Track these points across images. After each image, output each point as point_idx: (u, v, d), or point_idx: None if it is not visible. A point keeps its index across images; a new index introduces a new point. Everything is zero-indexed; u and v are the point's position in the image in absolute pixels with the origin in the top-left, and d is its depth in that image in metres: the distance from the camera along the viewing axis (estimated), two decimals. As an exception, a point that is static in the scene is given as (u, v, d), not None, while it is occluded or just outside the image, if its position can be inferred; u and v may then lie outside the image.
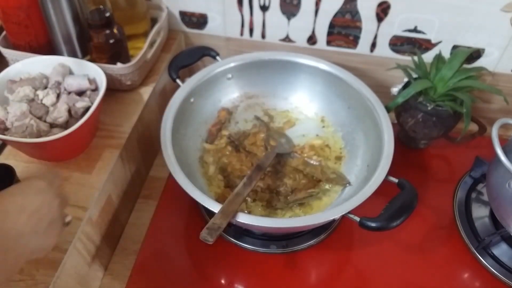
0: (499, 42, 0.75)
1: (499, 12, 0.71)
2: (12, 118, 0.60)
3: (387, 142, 0.64)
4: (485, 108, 0.84)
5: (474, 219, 0.70)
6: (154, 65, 0.80)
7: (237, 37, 0.86)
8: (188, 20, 0.85)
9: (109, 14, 0.67)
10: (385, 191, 0.58)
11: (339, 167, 0.73)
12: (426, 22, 0.75)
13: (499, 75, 0.79)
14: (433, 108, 0.71)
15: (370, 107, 0.70)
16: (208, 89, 0.75)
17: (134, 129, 0.69)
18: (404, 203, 0.56)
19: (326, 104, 0.78)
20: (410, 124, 0.75)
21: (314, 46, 0.83)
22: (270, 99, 0.81)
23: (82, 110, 0.63)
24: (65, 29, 0.69)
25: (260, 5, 0.79)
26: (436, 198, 0.74)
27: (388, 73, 0.80)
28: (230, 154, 0.74)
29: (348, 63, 0.82)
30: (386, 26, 0.77)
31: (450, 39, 0.77)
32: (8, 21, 0.68)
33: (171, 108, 0.67)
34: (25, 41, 0.70)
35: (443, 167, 0.81)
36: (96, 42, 0.69)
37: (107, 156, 0.65)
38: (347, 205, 0.56)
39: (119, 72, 0.70)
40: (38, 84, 0.64)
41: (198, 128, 0.75)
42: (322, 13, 0.78)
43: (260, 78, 0.79)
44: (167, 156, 0.61)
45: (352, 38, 0.80)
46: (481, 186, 0.75)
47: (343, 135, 0.76)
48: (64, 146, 0.60)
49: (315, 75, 0.77)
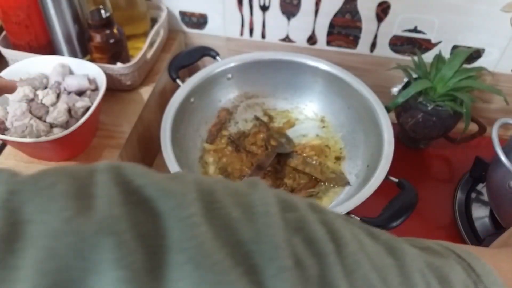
0: (499, 42, 0.75)
1: (499, 12, 0.71)
2: (12, 118, 0.60)
3: (387, 142, 0.64)
4: (485, 108, 0.84)
5: (474, 219, 0.70)
6: (154, 65, 0.80)
7: (237, 37, 0.86)
8: (188, 20, 0.85)
9: (109, 14, 0.67)
10: (385, 191, 0.58)
11: (339, 167, 0.73)
12: (426, 22, 0.75)
13: (499, 75, 0.79)
14: (433, 108, 0.71)
15: (370, 107, 0.70)
16: (208, 89, 0.75)
17: (134, 129, 0.69)
18: (404, 203, 0.56)
19: (326, 104, 0.78)
20: (410, 124, 0.75)
21: (314, 46, 0.83)
22: (270, 99, 0.81)
23: (82, 110, 0.63)
24: (65, 29, 0.69)
25: (260, 5, 0.79)
26: (436, 198, 0.74)
27: (388, 73, 0.80)
28: (230, 154, 0.74)
29: (348, 63, 0.82)
30: (386, 26, 0.77)
31: (450, 39, 0.77)
32: (8, 21, 0.68)
33: (171, 108, 0.67)
34: (25, 41, 0.70)
35: (443, 167, 0.81)
36: (96, 42, 0.69)
37: (107, 156, 0.64)
38: (347, 205, 0.56)
39: (119, 72, 0.70)
40: (38, 84, 0.64)
41: (198, 128, 0.75)
42: (322, 13, 0.78)
43: (260, 78, 0.79)
44: (167, 156, 0.61)
45: (352, 38, 0.80)
46: (481, 186, 0.75)
47: (343, 135, 0.76)
48: (64, 146, 0.60)
49: (315, 75, 0.77)
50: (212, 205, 0.21)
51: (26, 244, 0.17)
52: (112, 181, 0.20)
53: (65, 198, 0.19)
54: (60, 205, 0.18)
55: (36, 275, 0.16)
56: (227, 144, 0.75)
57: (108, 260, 0.17)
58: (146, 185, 0.20)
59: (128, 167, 0.21)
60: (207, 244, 0.18)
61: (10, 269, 0.17)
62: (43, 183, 0.19)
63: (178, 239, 0.18)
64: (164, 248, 0.18)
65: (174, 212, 0.19)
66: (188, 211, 0.19)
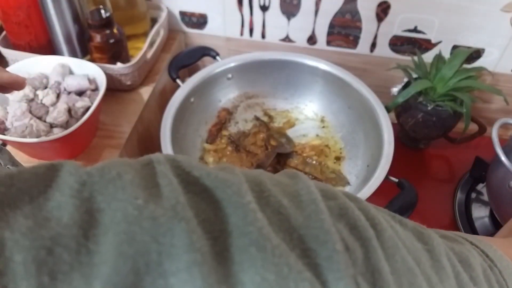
0: (499, 42, 0.75)
1: (499, 12, 0.71)
2: (12, 118, 0.60)
3: (387, 142, 0.64)
4: (485, 108, 0.84)
5: (474, 219, 0.70)
6: (154, 65, 0.80)
7: (237, 37, 0.86)
8: (188, 20, 0.85)
9: (109, 14, 0.67)
10: (385, 191, 0.58)
11: (339, 167, 0.73)
12: (426, 22, 0.75)
13: (499, 75, 0.79)
14: (433, 108, 0.71)
15: (370, 107, 0.70)
16: (208, 89, 0.75)
17: (134, 129, 0.69)
18: (404, 203, 0.56)
19: (326, 104, 0.79)
20: (410, 124, 0.75)
21: (314, 46, 0.83)
22: (270, 99, 0.81)
23: (82, 110, 0.63)
24: (65, 29, 0.69)
25: (260, 5, 0.79)
26: (436, 198, 0.74)
27: (388, 73, 0.80)
28: (230, 154, 0.74)
29: (348, 63, 0.82)
30: (386, 26, 0.77)
31: (450, 39, 0.77)
32: (8, 21, 0.68)
33: (171, 108, 0.67)
34: (25, 41, 0.70)
35: (443, 167, 0.81)
36: (96, 42, 0.69)
37: (107, 156, 0.64)
38: (347, 205, 0.56)
39: (119, 72, 0.70)
40: (38, 84, 0.64)
41: (198, 128, 0.75)
42: (322, 13, 0.78)
43: (260, 78, 0.79)
44: (167, 156, 0.61)
45: (352, 38, 0.80)
46: (481, 186, 0.75)
47: (343, 135, 0.76)
48: (64, 146, 0.60)
49: (315, 75, 0.77)
50: (263, 194, 0.22)
51: (103, 230, 0.18)
52: (172, 172, 0.21)
53: (133, 187, 0.20)
54: (131, 193, 0.19)
55: (117, 258, 0.17)
56: (227, 144, 0.75)
57: (181, 244, 0.18)
58: (203, 175, 0.21)
59: (183, 160, 0.22)
60: (265, 229, 0.19)
61: (90, 254, 0.17)
62: (109, 174, 0.20)
63: (239, 224, 0.20)
64: (226, 233, 0.19)
65: (233, 199, 0.20)
66: (246, 199, 0.20)
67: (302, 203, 0.22)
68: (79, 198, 0.19)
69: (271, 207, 0.21)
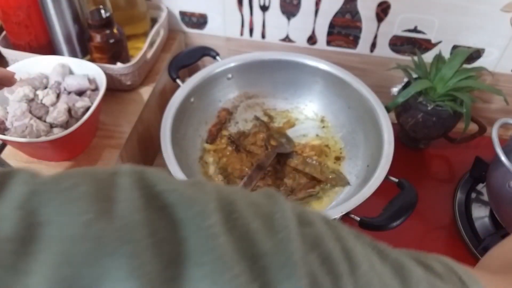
0: (499, 42, 0.75)
1: (499, 12, 0.71)
2: (12, 118, 0.60)
3: (387, 142, 0.64)
4: (485, 108, 0.84)
5: (474, 219, 0.70)
6: (154, 65, 0.80)
7: (237, 37, 0.86)
8: (188, 20, 0.85)
9: (109, 14, 0.67)
10: (385, 191, 0.58)
11: (339, 167, 0.73)
12: (426, 22, 0.75)
13: (499, 75, 0.79)
14: (433, 108, 0.71)
15: (370, 107, 0.70)
16: (208, 89, 0.75)
17: (134, 129, 0.69)
18: (404, 203, 0.56)
19: (326, 104, 0.78)
20: (410, 124, 0.75)
21: (314, 46, 0.83)
22: (270, 99, 0.81)
23: (82, 110, 0.63)
24: (65, 29, 0.69)
25: (260, 5, 0.79)
26: (436, 198, 0.74)
27: (388, 73, 0.80)
28: (230, 154, 0.74)
29: (348, 63, 0.82)
30: (386, 26, 0.77)
31: (450, 39, 0.77)
32: (8, 21, 0.68)
33: (171, 108, 0.67)
34: (25, 41, 0.70)
35: (443, 167, 0.81)
36: (96, 42, 0.69)
37: (107, 156, 0.64)
38: (347, 205, 0.56)
39: (119, 72, 0.70)
40: (38, 84, 0.64)
41: (198, 128, 0.75)
42: (322, 13, 0.78)
43: (260, 78, 0.79)
44: (167, 156, 0.61)
45: (352, 38, 0.80)
46: (481, 186, 0.75)
47: (343, 135, 0.76)
48: (64, 146, 0.60)
49: (315, 75, 0.77)
50: (232, 215, 0.20)
51: (41, 247, 0.17)
52: (134, 185, 0.20)
53: (85, 200, 0.18)
54: (80, 207, 0.18)
55: (48, 282, 0.16)
56: (227, 144, 0.75)
57: (123, 269, 0.17)
58: (168, 190, 0.20)
59: (151, 172, 0.21)
60: (225, 257, 0.18)
61: (22, 273, 0.16)
62: (65, 184, 0.19)
63: (197, 250, 0.18)
64: (181, 257, 0.18)
65: (195, 221, 0.19)
66: (208, 221, 0.19)
67: (274, 227, 0.21)
68: (25, 209, 0.18)
69: (238, 230, 0.20)
